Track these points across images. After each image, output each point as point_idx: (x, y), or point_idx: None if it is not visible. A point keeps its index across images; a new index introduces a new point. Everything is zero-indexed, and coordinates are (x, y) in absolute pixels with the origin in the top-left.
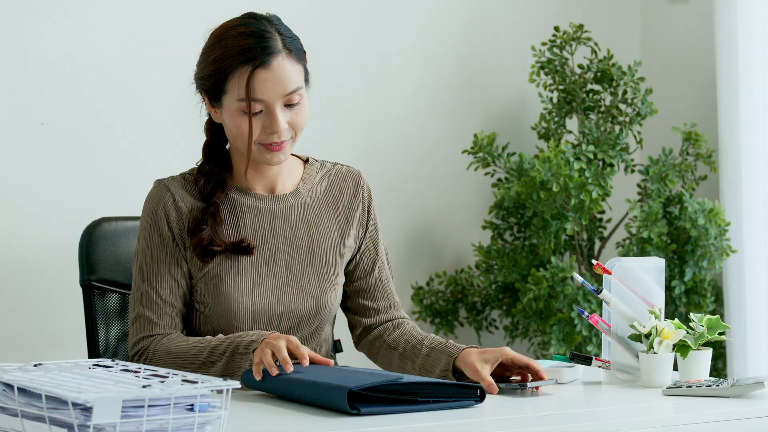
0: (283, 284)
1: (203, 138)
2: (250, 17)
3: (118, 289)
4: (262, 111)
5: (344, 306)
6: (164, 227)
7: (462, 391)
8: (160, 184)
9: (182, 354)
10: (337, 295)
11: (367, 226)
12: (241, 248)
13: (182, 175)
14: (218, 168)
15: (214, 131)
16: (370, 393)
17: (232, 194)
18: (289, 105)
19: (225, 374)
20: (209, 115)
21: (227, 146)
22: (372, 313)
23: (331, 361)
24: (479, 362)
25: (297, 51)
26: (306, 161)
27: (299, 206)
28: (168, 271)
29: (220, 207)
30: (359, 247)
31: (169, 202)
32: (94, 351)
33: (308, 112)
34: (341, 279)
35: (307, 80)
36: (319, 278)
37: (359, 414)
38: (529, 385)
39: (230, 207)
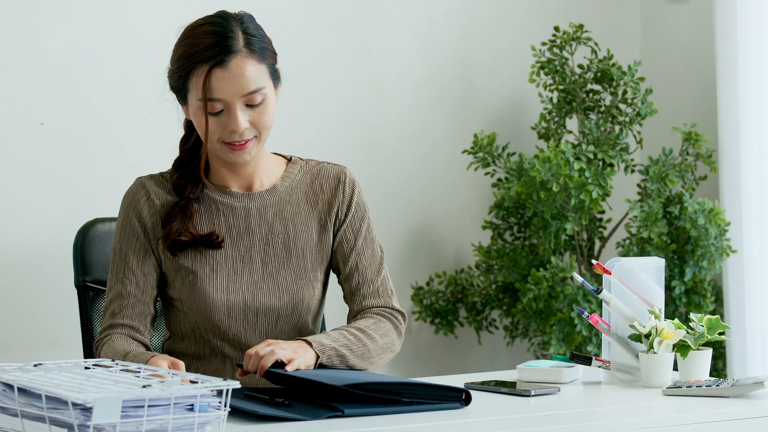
0: (259, 280)
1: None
2: (219, 16)
3: None
4: (223, 110)
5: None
6: (135, 222)
7: (447, 394)
8: (137, 181)
9: (113, 356)
10: (315, 291)
11: (346, 215)
12: (210, 241)
13: (161, 173)
14: (193, 163)
15: (192, 127)
16: (355, 390)
17: (208, 192)
18: (250, 105)
19: None
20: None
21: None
22: (355, 299)
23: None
24: None
25: (261, 51)
26: (289, 160)
27: (276, 203)
28: (137, 265)
29: (192, 202)
30: (337, 238)
31: (142, 199)
32: (90, 352)
33: (274, 111)
34: (321, 275)
35: (277, 78)
36: (296, 274)
37: (343, 415)
38: (533, 392)
39: (206, 205)
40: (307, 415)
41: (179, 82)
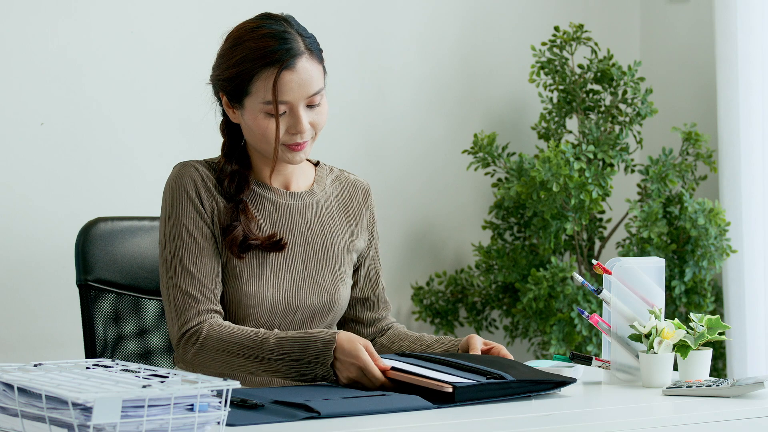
0: (300, 279)
1: (202, 138)
2: (268, 17)
3: (114, 290)
4: (285, 112)
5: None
6: (197, 202)
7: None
8: (186, 164)
9: (235, 343)
10: (348, 292)
11: (373, 234)
12: (273, 243)
13: (205, 160)
14: (239, 167)
15: (231, 131)
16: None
17: (252, 187)
18: (310, 106)
19: (289, 375)
20: (223, 115)
21: (242, 143)
22: (374, 323)
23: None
24: (478, 341)
25: (317, 51)
26: (316, 164)
27: (314, 205)
28: (207, 246)
29: (249, 204)
30: (366, 257)
31: (198, 180)
32: (91, 351)
33: (327, 112)
34: (350, 279)
35: (324, 83)
36: (332, 275)
37: (319, 417)
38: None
39: (251, 199)
40: (282, 417)
41: (240, 87)
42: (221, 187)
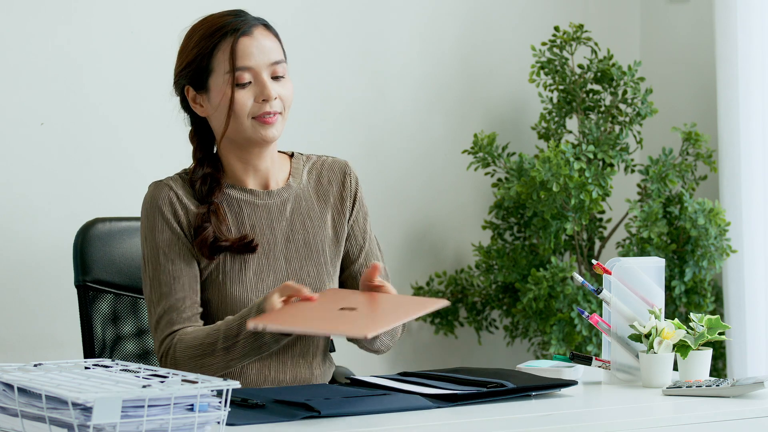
0: (283, 278)
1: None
2: (223, 9)
3: (113, 290)
4: (251, 82)
5: None
6: (173, 222)
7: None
8: (159, 183)
9: (199, 345)
10: (335, 285)
11: (352, 212)
12: (244, 245)
13: (178, 174)
14: (212, 170)
15: (201, 137)
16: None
17: (227, 191)
18: (275, 77)
19: (248, 354)
20: (192, 124)
21: (214, 150)
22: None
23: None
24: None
25: (274, 31)
26: (291, 156)
27: (292, 200)
28: (184, 266)
29: (220, 206)
30: (347, 236)
31: (173, 199)
32: (90, 352)
33: (293, 89)
34: (337, 269)
35: (285, 60)
36: (317, 270)
37: (320, 416)
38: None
39: (228, 203)
40: (282, 416)
41: (201, 65)
42: (194, 192)
